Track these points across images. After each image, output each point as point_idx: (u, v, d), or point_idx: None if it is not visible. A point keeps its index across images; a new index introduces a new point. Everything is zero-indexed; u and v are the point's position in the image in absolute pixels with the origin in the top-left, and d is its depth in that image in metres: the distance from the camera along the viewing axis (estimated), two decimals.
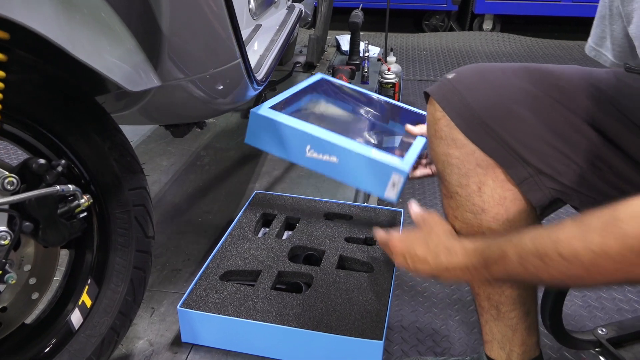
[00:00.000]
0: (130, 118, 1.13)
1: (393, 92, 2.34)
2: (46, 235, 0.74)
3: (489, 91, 0.80)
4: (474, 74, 0.84)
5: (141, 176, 0.88)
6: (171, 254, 1.26)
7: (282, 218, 1.27)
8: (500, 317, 0.92)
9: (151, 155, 1.75)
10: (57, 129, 0.77)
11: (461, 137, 0.80)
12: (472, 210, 0.84)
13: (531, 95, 0.78)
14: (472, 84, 0.82)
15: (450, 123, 0.81)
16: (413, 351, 1.30)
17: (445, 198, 0.89)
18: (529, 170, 0.78)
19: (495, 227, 0.83)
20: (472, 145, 0.80)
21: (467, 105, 0.80)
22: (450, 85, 0.83)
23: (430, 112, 0.86)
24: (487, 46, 4.19)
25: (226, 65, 1.03)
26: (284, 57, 2.52)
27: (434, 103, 0.84)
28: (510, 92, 0.79)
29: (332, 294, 1.02)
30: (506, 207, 0.81)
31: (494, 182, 0.81)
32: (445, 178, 0.85)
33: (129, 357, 0.97)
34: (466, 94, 0.81)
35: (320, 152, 1.16)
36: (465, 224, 0.86)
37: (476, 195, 0.82)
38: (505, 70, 0.82)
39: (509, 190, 0.81)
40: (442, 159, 0.84)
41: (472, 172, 0.81)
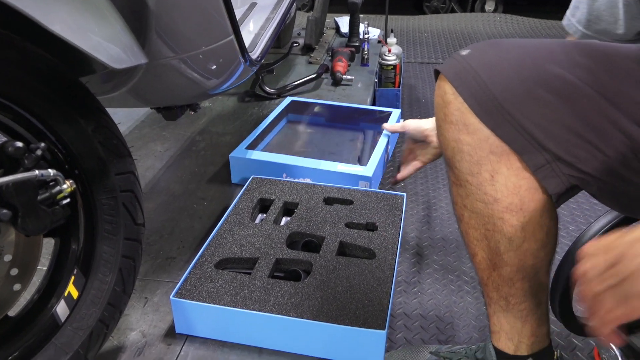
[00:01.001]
0: (120, 100, 1.08)
1: (394, 75, 2.29)
2: (26, 223, 0.70)
3: (508, 70, 0.73)
4: (491, 50, 0.76)
5: (129, 160, 0.83)
6: (165, 241, 1.22)
7: (279, 203, 1.22)
8: (509, 309, 0.88)
9: (145, 140, 1.70)
10: (36, 110, 0.72)
11: (474, 121, 0.74)
12: (484, 199, 0.78)
13: (558, 78, 0.70)
14: (489, 61, 0.75)
15: (463, 106, 0.75)
16: (417, 339, 1.27)
17: (453, 186, 0.83)
18: (546, 157, 0.72)
19: (508, 217, 0.78)
20: (486, 131, 0.74)
21: (483, 86, 0.73)
22: (464, 63, 0.76)
23: (439, 93, 0.79)
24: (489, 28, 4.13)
25: (218, 42, 0.98)
26: (282, 40, 2.46)
27: (444, 83, 0.77)
28: (533, 72, 0.72)
29: (332, 281, 0.98)
30: (521, 197, 0.76)
31: (508, 170, 0.75)
32: (455, 165, 0.80)
33: (121, 349, 0.93)
34: (482, 72, 0.74)
35: (295, 177, 1.39)
36: (475, 214, 0.81)
37: (488, 183, 0.77)
38: (525, 47, 0.75)
39: (525, 179, 0.75)
40: (451, 145, 0.78)
41: (484, 159, 0.75)
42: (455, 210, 0.87)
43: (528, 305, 0.87)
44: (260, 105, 1.95)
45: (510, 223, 0.78)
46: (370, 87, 2.13)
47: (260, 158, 1.41)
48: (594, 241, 0.58)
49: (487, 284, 0.88)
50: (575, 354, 1.21)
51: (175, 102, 1.18)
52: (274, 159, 1.41)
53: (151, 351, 0.93)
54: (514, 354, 0.91)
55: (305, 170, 1.39)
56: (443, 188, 1.91)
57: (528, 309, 0.87)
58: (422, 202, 1.83)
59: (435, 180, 1.95)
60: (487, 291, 0.89)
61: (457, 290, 1.42)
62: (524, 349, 0.91)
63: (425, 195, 1.87)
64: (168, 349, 0.93)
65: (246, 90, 2.03)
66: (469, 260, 1.51)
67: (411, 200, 1.83)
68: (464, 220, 0.85)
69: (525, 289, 0.85)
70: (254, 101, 1.99)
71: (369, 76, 2.24)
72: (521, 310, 0.87)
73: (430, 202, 1.84)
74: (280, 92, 1.99)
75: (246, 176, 1.39)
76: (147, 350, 0.93)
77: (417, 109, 2.62)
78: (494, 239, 0.81)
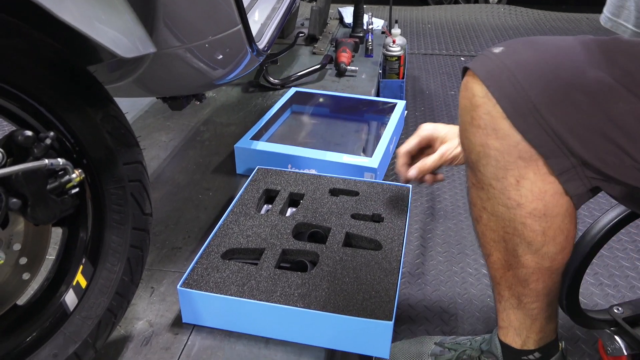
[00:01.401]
0: (126, 90, 1.08)
1: (398, 65, 2.28)
2: (35, 213, 0.69)
3: (546, 71, 0.69)
4: (526, 49, 0.72)
5: (137, 150, 0.83)
6: (171, 231, 1.22)
7: (285, 194, 1.22)
8: (520, 307, 0.87)
9: (149, 130, 1.70)
10: (45, 99, 0.72)
11: (505, 126, 0.70)
12: (507, 204, 0.76)
13: (597, 81, 0.67)
14: (525, 61, 0.70)
15: (493, 110, 0.70)
16: (421, 330, 1.27)
17: (473, 188, 0.81)
18: (572, 161, 0.70)
19: (530, 222, 0.76)
20: (517, 137, 0.70)
21: (518, 87, 0.69)
22: (498, 62, 0.71)
23: (466, 95, 0.74)
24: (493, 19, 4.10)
25: (226, 32, 0.97)
26: (285, 30, 2.45)
27: (474, 84, 0.73)
28: (571, 74, 0.68)
29: (338, 272, 0.98)
30: (545, 202, 0.74)
31: (535, 175, 0.72)
32: (479, 169, 0.77)
33: (128, 338, 0.93)
34: (518, 72, 0.69)
35: (300, 168, 1.38)
36: (495, 217, 0.79)
37: (513, 188, 0.74)
38: (561, 46, 0.71)
39: (550, 183, 0.72)
40: (477, 149, 0.75)
41: (512, 164, 0.72)
42: (472, 211, 0.85)
43: (540, 305, 0.86)
44: (264, 96, 1.95)
45: (531, 228, 0.77)
46: (374, 78, 2.12)
47: (266, 149, 1.41)
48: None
49: (500, 282, 0.87)
50: (579, 345, 1.22)
51: (182, 92, 1.18)
52: (279, 150, 1.40)
53: (158, 340, 0.93)
54: (520, 348, 0.92)
55: (311, 161, 1.39)
56: (447, 180, 1.91)
57: (539, 308, 0.87)
58: (426, 194, 1.83)
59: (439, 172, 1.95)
60: (498, 289, 0.88)
61: (461, 282, 1.42)
62: (531, 344, 0.91)
63: (430, 187, 1.87)
64: (175, 339, 0.93)
65: (250, 81, 2.03)
66: (473, 252, 1.52)
67: (415, 192, 1.83)
68: (481, 221, 0.83)
69: (539, 290, 0.84)
70: (258, 92, 1.98)
71: (373, 67, 2.23)
72: (533, 309, 0.87)
73: (435, 194, 1.84)
74: (284, 82, 1.98)
75: (251, 167, 1.38)
76: (154, 340, 0.93)
77: (421, 100, 2.61)
78: (513, 242, 0.80)
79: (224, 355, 0.90)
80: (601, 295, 1.37)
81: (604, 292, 1.39)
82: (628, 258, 1.50)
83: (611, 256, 1.51)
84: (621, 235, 1.58)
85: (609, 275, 1.44)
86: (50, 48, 0.72)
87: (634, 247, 1.55)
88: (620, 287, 1.40)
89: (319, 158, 1.38)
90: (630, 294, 1.37)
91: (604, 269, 1.46)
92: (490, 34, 3.71)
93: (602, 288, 1.40)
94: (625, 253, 1.52)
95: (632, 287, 1.40)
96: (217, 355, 0.90)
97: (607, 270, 1.46)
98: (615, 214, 0.98)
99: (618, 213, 0.98)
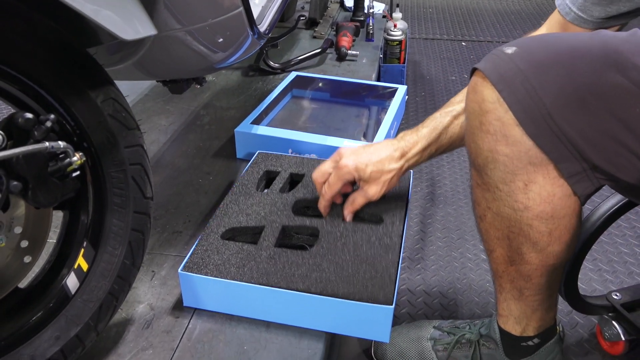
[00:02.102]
0: (126, 73, 1.07)
1: (399, 50, 2.26)
2: (36, 196, 0.69)
3: (561, 75, 0.66)
4: (540, 49, 0.69)
5: (137, 133, 0.82)
6: (171, 215, 1.22)
7: (285, 175, 1.22)
8: (522, 299, 0.87)
9: (149, 114, 1.69)
10: (45, 81, 0.71)
11: (517, 133, 0.68)
12: (514, 207, 0.75)
13: (612, 86, 0.64)
14: (539, 63, 0.67)
15: (505, 116, 0.68)
16: (420, 315, 1.28)
17: (479, 188, 0.80)
18: (583, 165, 0.69)
19: (537, 225, 0.75)
20: (528, 143, 0.68)
21: (532, 92, 0.66)
22: (510, 63, 0.68)
23: (475, 99, 0.71)
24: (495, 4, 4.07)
25: (227, 14, 0.96)
26: (286, 14, 2.43)
27: (483, 88, 0.70)
28: (587, 79, 0.65)
29: (339, 249, 0.98)
30: (554, 205, 0.73)
31: (544, 179, 0.71)
32: (487, 173, 0.75)
33: (130, 321, 0.94)
34: (532, 76, 0.66)
35: (300, 152, 1.38)
36: (500, 217, 0.78)
37: (521, 192, 0.73)
38: (576, 47, 0.67)
39: (559, 187, 0.71)
40: (485, 154, 0.73)
41: (521, 170, 0.71)
42: (476, 209, 0.84)
43: (541, 297, 0.86)
44: (264, 80, 1.94)
45: (538, 230, 0.76)
46: (375, 62, 2.11)
47: (266, 133, 1.40)
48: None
49: (502, 276, 0.87)
50: (577, 331, 1.23)
51: (182, 76, 1.17)
52: (279, 134, 1.40)
53: (159, 324, 0.94)
54: (520, 335, 0.92)
55: (311, 145, 1.38)
56: (447, 165, 1.91)
57: (540, 300, 0.87)
58: (426, 180, 1.83)
59: (439, 158, 1.95)
60: (500, 282, 0.88)
61: (460, 267, 1.43)
62: (530, 331, 0.91)
63: (429, 172, 1.87)
64: (176, 322, 0.94)
65: (250, 65, 2.01)
66: (473, 238, 1.52)
67: (415, 177, 1.83)
68: (485, 220, 0.82)
69: (542, 284, 0.84)
70: (258, 75, 1.97)
71: (374, 51, 2.21)
72: (534, 301, 0.87)
73: (435, 179, 1.84)
74: (285, 66, 1.97)
75: (251, 151, 1.38)
76: (155, 323, 0.94)
77: (422, 85, 2.60)
78: (517, 241, 0.79)
79: (225, 339, 0.91)
80: (600, 281, 1.38)
81: (602, 278, 1.39)
82: (627, 244, 1.51)
83: (610, 242, 1.52)
84: (620, 221, 1.58)
85: (607, 261, 1.45)
86: (49, 30, 0.71)
87: (633, 234, 1.55)
88: (619, 273, 1.41)
89: (319, 143, 1.38)
90: (629, 280, 1.38)
91: (603, 255, 1.47)
92: (492, 19, 3.68)
93: (601, 274, 1.41)
94: (625, 239, 1.53)
95: (630, 273, 1.40)
96: (217, 339, 0.91)
97: (606, 257, 1.47)
98: (614, 201, 0.98)
99: (617, 201, 0.98)
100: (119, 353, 0.88)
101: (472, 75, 0.74)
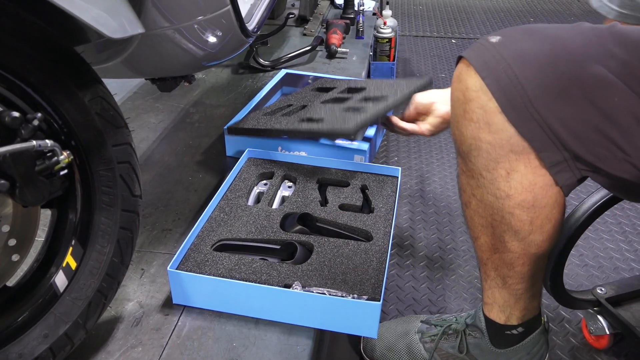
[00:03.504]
0: (115, 71, 1.07)
1: (389, 47, 2.27)
2: (24, 194, 0.69)
3: (543, 64, 0.67)
4: (524, 39, 0.70)
5: (125, 131, 0.82)
6: (160, 213, 1.22)
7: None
8: (505, 287, 0.89)
9: (138, 112, 1.68)
10: (32, 80, 0.71)
11: (499, 121, 0.69)
12: (496, 194, 0.76)
13: (593, 76, 0.66)
14: (522, 52, 0.68)
15: (487, 105, 0.69)
16: (409, 310, 1.29)
17: (464, 175, 0.81)
18: (564, 155, 0.70)
19: (519, 213, 0.76)
20: (510, 131, 0.69)
21: (514, 80, 0.67)
22: (494, 52, 0.69)
23: (459, 87, 0.73)
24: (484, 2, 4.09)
25: (215, 12, 0.96)
26: (276, 11, 2.43)
27: (468, 76, 0.71)
28: (569, 68, 0.67)
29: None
30: (535, 194, 0.74)
31: (525, 167, 0.72)
32: (470, 160, 0.77)
33: (119, 319, 0.94)
34: (515, 64, 0.68)
35: (290, 150, 1.38)
36: (484, 204, 0.79)
37: (503, 180, 0.74)
38: (560, 37, 0.69)
39: (541, 176, 0.73)
40: (468, 142, 0.75)
41: (503, 157, 0.72)
42: (462, 196, 0.85)
43: (524, 286, 0.88)
44: (254, 78, 1.94)
45: (519, 218, 0.77)
46: (365, 60, 2.11)
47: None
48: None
49: (487, 263, 0.88)
50: (563, 325, 1.24)
51: (170, 74, 1.17)
52: None
53: (149, 321, 0.94)
54: (504, 323, 0.94)
55: (301, 143, 1.39)
56: (436, 162, 1.92)
57: (524, 289, 0.88)
58: (416, 177, 1.84)
59: (429, 155, 1.96)
60: (485, 269, 0.90)
61: (449, 263, 1.44)
62: (514, 319, 0.93)
63: (419, 169, 1.88)
64: (165, 319, 0.94)
65: (240, 62, 2.01)
66: (462, 234, 1.54)
67: (405, 174, 1.84)
68: (470, 207, 0.84)
69: (524, 272, 0.85)
70: (248, 73, 1.97)
71: (364, 49, 2.22)
72: (517, 290, 0.88)
73: (424, 176, 1.85)
74: (275, 64, 1.97)
75: (241, 149, 1.39)
76: (144, 321, 0.94)
77: None
78: (500, 229, 0.81)
79: (214, 336, 0.91)
80: (586, 276, 1.40)
81: (588, 272, 1.41)
82: (613, 240, 1.53)
83: (596, 238, 1.53)
84: (606, 217, 1.60)
85: (593, 256, 1.47)
86: (36, 28, 0.71)
87: (619, 229, 1.57)
88: (605, 268, 1.42)
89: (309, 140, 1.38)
90: (615, 275, 1.40)
91: (589, 250, 1.49)
92: (482, 16, 3.70)
93: (587, 269, 1.42)
94: (610, 235, 1.55)
95: (615, 268, 1.42)
96: (207, 336, 0.91)
97: (592, 252, 1.48)
98: (599, 196, 1.00)
99: (602, 196, 0.99)
100: (108, 351, 0.88)
101: (457, 62, 0.75)
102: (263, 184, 1.25)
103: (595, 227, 1.54)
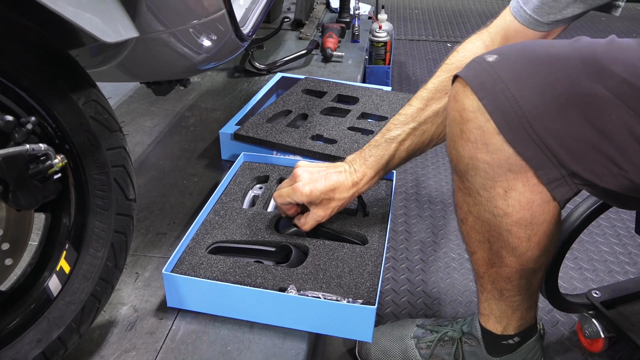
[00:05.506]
0: (109, 74, 1.07)
1: (384, 51, 2.28)
2: (17, 198, 0.69)
3: (541, 84, 0.67)
4: (521, 58, 0.69)
5: (120, 135, 0.82)
6: (155, 217, 1.22)
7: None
8: (502, 299, 0.88)
9: (133, 115, 1.68)
10: (26, 83, 0.71)
11: (497, 141, 0.69)
12: (493, 212, 0.76)
13: (591, 95, 0.65)
14: (519, 72, 0.68)
15: (485, 126, 0.69)
16: (404, 314, 1.29)
17: (460, 192, 0.81)
18: (562, 172, 0.70)
19: (516, 230, 0.76)
20: (508, 151, 0.69)
21: (512, 101, 0.67)
22: (491, 72, 0.69)
23: (456, 107, 0.72)
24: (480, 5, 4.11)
25: (210, 16, 0.97)
26: (271, 15, 2.43)
27: (464, 96, 0.70)
28: (566, 88, 0.66)
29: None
30: (532, 212, 0.74)
31: (523, 186, 0.72)
32: (467, 178, 0.76)
33: (113, 323, 0.94)
34: (512, 85, 0.67)
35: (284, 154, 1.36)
36: (481, 221, 0.79)
37: (501, 198, 0.74)
38: (556, 55, 0.68)
39: (539, 194, 0.72)
40: (466, 161, 0.74)
41: (501, 176, 0.72)
42: (458, 212, 0.85)
43: (521, 298, 0.88)
44: (249, 81, 1.94)
45: (517, 235, 0.77)
46: (360, 64, 2.12)
47: None
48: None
49: (483, 277, 0.88)
50: (558, 328, 1.24)
51: (165, 77, 1.17)
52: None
53: (143, 325, 0.94)
54: (501, 334, 0.94)
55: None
56: (432, 166, 1.93)
57: (520, 301, 0.88)
58: (411, 180, 1.85)
59: (423, 158, 1.97)
60: (481, 282, 0.90)
61: (444, 267, 1.44)
62: (511, 329, 0.93)
63: (414, 172, 1.88)
64: (160, 323, 0.94)
65: (235, 66, 2.01)
66: (456, 238, 1.54)
67: (400, 177, 1.84)
68: (467, 223, 0.83)
69: (522, 286, 0.85)
70: (244, 77, 1.97)
71: (360, 53, 2.22)
72: (514, 302, 0.88)
73: (419, 179, 1.85)
74: (270, 68, 1.97)
75: (236, 153, 1.38)
76: (138, 325, 0.94)
77: (407, 86, 2.62)
78: (497, 245, 0.80)
79: (209, 339, 0.91)
80: (580, 280, 1.40)
81: (583, 276, 1.41)
82: (607, 243, 1.54)
83: (591, 242, 1.54)
84: (601, 220, 1.61)
85: (588, 260, 1.47)
86: (30, 31, 0.71)
87: (613, 233, 1.58)
88: (599, 272, 1.43)
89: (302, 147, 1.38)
90: (609, 278, 1.40)
91: (584, 253, 1.49)
92: (477, 20, 3.71)
93: (582, 272, 1.43)
94: (605, 238, 1.56)
95: (610, 272, 1.43)
96: (201, 340, 0.91)
97: (587, 255, 1.49)
98: (593, 200, 1.00)
99: (596, 200, 1.00)
100: (102, 355, 0.88)
101: (453, 82, 0.74)
102: (258, 187, 1.25)
103: (589, 230, 1.55)
